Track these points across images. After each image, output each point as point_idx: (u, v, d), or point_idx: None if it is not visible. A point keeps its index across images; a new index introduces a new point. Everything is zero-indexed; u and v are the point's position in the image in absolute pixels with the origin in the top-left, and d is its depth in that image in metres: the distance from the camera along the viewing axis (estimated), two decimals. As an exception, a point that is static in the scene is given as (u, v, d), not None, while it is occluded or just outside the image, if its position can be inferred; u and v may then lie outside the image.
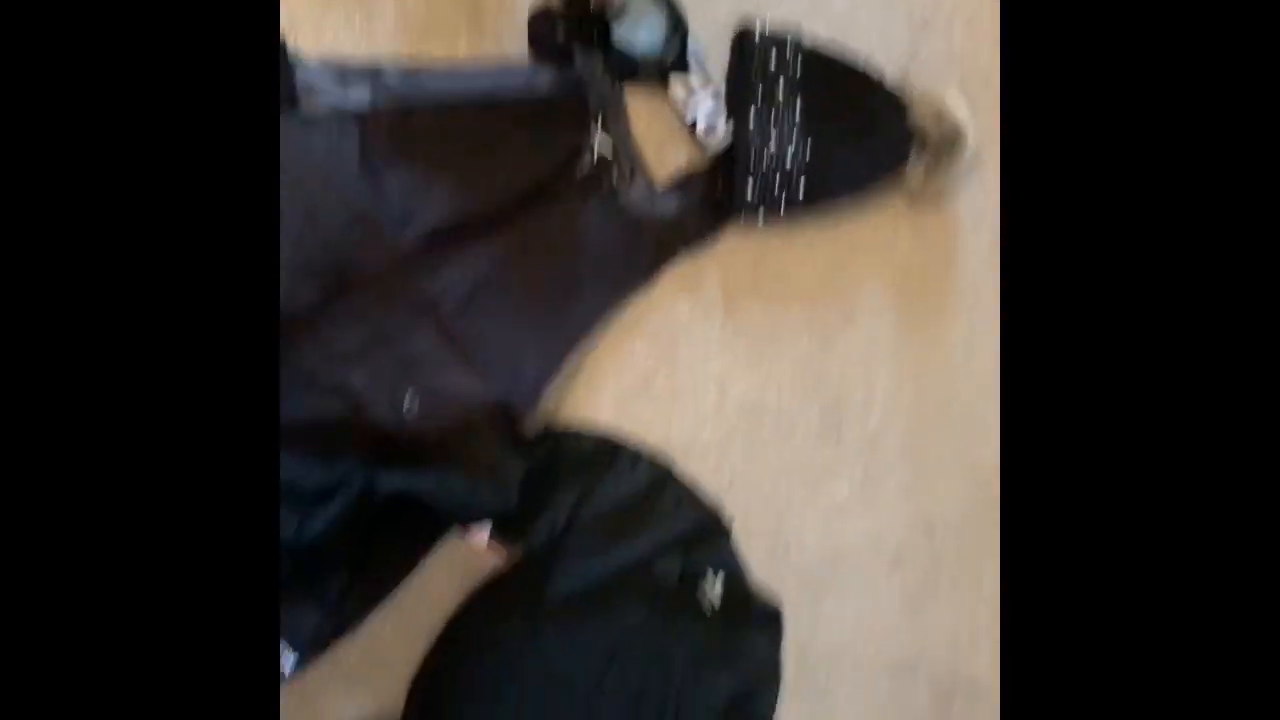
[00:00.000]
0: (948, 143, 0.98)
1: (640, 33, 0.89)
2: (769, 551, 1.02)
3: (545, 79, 0.86)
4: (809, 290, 1.01)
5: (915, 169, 1.00)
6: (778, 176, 0.93)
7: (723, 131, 0.91)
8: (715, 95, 0.91)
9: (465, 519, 0.86)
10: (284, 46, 0.78)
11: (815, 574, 1.04)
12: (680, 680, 0.96)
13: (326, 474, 0.82)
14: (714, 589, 0.96)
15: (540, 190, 0.87)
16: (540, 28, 0.86)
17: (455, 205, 0.83)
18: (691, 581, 0.96)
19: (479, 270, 0.85)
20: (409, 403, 0.83)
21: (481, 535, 0.89)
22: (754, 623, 0.99)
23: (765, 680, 1.00)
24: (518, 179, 0.85)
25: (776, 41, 0.94)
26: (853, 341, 1.04)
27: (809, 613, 1.04)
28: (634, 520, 0.94)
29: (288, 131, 0.78)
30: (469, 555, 0.91)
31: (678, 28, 0.88)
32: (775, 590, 1.01)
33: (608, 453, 0.94)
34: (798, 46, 0.95)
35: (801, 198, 0.94)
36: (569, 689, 0.93)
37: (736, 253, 0.98)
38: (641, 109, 0.92)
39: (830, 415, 1.03)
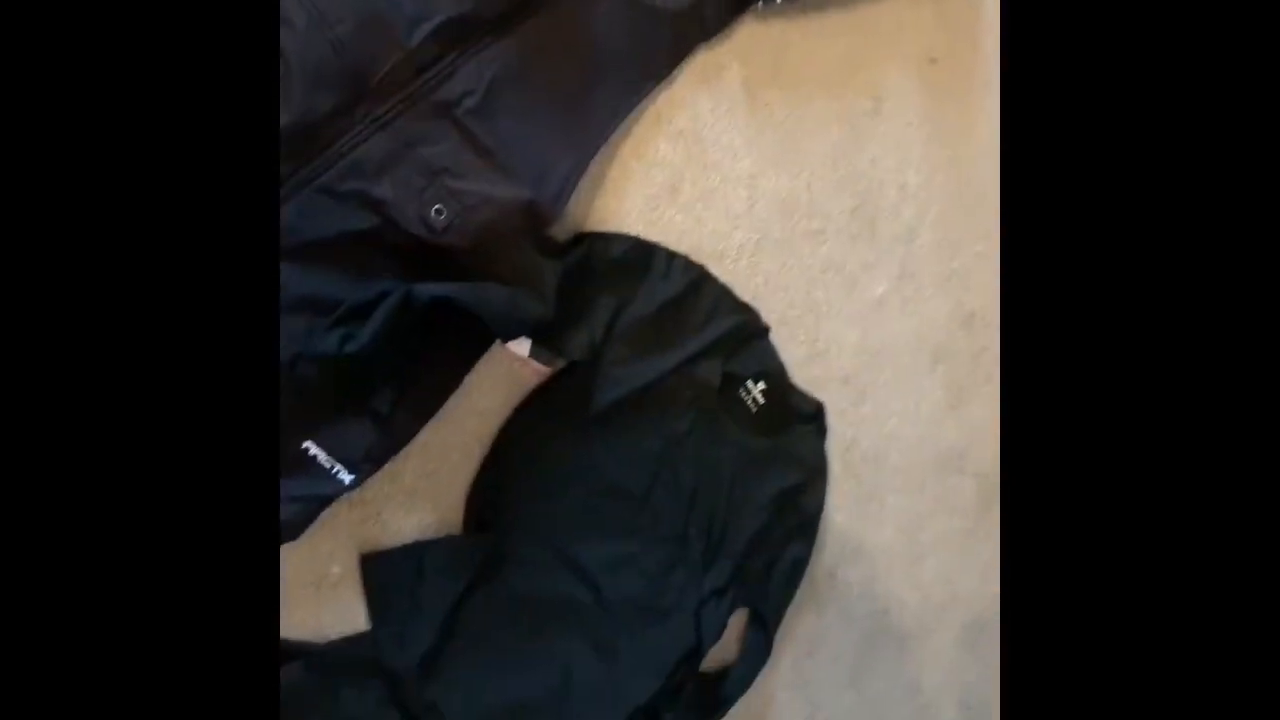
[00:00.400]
0: (970, -94, 0.93)
1: None
2: (808, 354, 1.02)
3: None
4: (833, 79, 0.98)
5: (937, -61, 0.95)
6: (795, -47, 0.88)
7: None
8: None
9: (505, 330, 0.85)
10: None
11: (856, 374, 1.04)
12: (729, 482, 0.97)
13: (364, 289, 0.81)
14: (756, 389, 0.97)
15: (550, -19, 0.83)
16: None
17: (465, 1, 0.79)
18: (733, 384, 0.96)
19: (495, 69, 0.82)
20: (437, 213, 0.81)
21: (523, 347, 0.89)
22: (797, 420, 0.99)
23: (813, 475, 1.01)
24: (527, -32, 0.81)
25: None
26: (881, 131, 1.01)
27: (852, 414, 1.05)
28: (673, 325, 0.94)
29: (284, -73, 0.74)
30: (514, 369, 0.91)
31: None
32: (817, 393, 1.01)
33: (642, 256, 0.93)
34: None
35: (821, -25, 0.90)
36: (621, 496, 0.94)
37: (755, 42, 0.94)
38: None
39: (863, 210, 1.01)
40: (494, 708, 0.90)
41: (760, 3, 0.91)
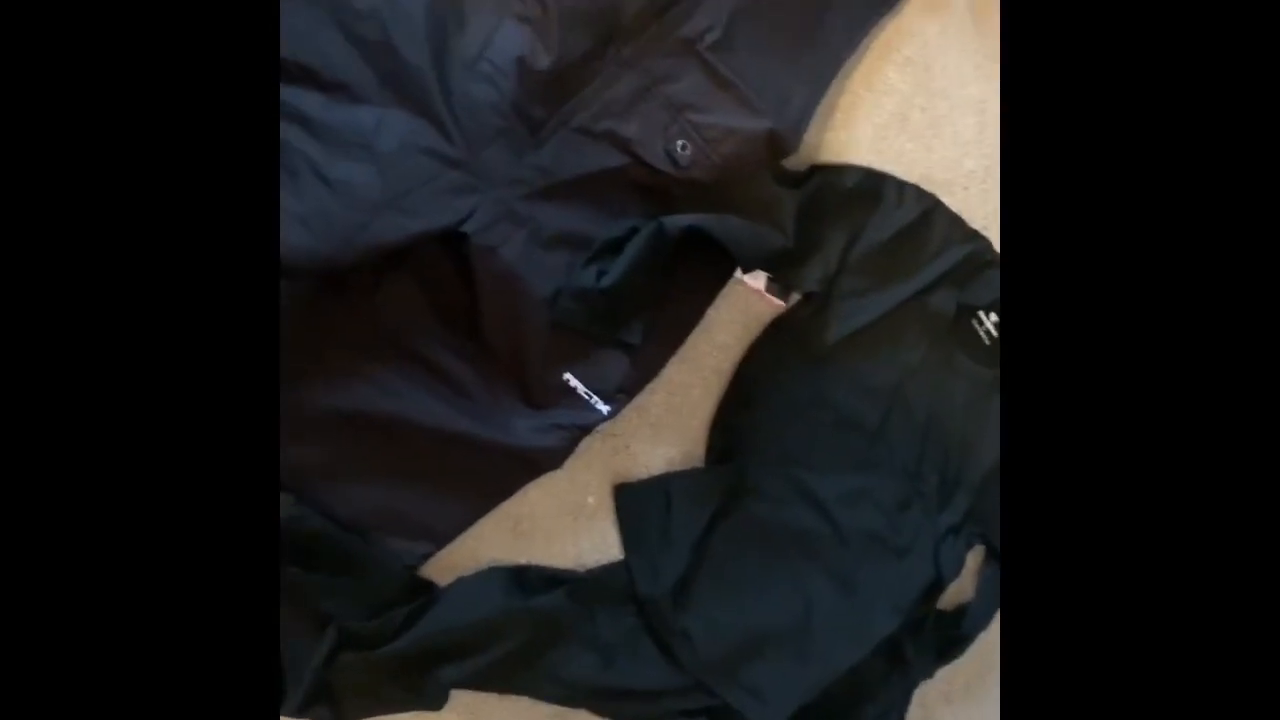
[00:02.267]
0: None
1: None
2: (1040, 283, 0.99)
3: None
4: None
5: None
6: None
7: None
8: None
9: (748, 260, 0.87)
10: None
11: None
12: (963, 415, 0.95)
13: (615, 225, 0.84)
14: (989, 320, 0.95)
15: (783, -82, 0.84)
16: None
17: (707, -59, 0.81)
18: (967, 315, 0.95)
19: (734, 2, 0.84)
20: (682, 148, 0.84)
21: (759, 281, 0.90)
22: (1034, 352, 0.97)
23: (1051, 408, 0.98)
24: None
25: None
26: (1114, 48, 0.97)
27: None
28: (905, 255, 0.93)
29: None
30: (751, 304, 0.93)
31: None
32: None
33: (874, 186, 0.93)
34: None
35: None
36: (855, 429, 0.94)
37: (983, -36, 0.93)
38: None
39: (1094, 132, 0.98)
40: (741, 635, 0.91)
41: (989, -77, 0.90)
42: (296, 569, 0.83)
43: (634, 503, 0.92)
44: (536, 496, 0.90)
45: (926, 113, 0.94)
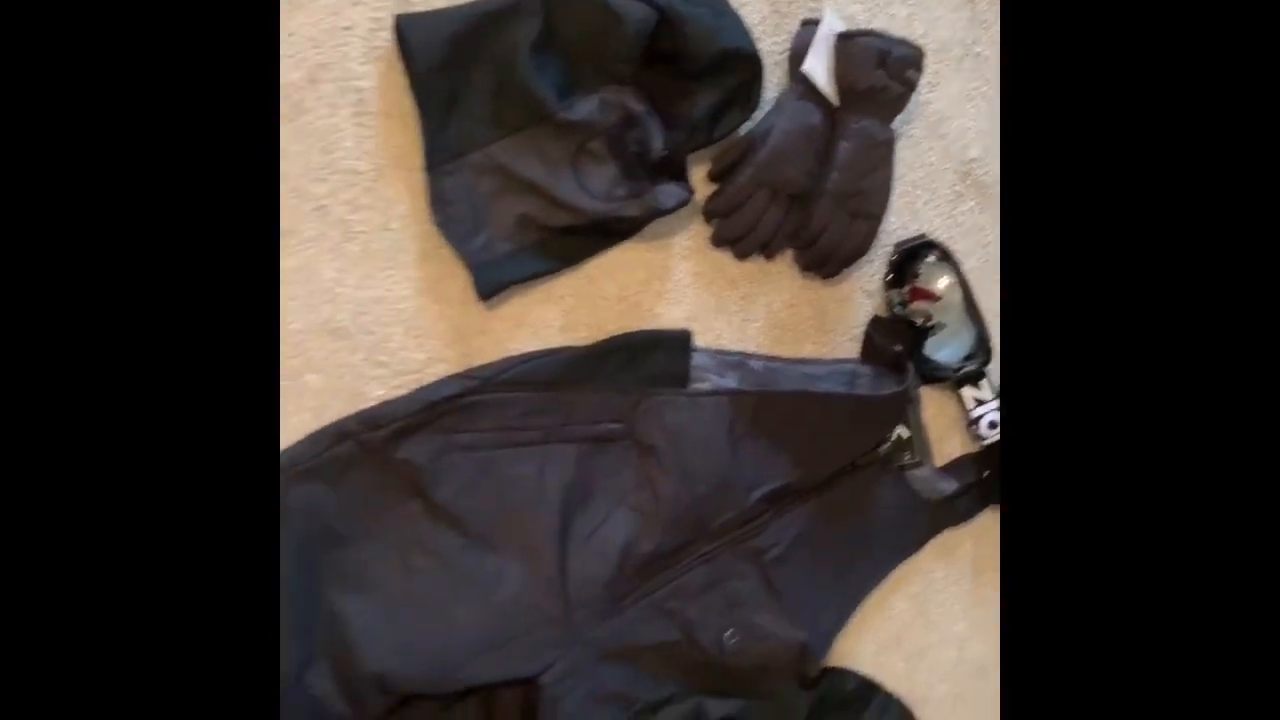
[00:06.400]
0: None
1: (945, 350, 1.07)
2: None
3: (865, 381, 1.04)
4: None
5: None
6: (1038, 477, 1.09)
7: (997, 435, 1.09)
8: (999, 406, 1.09)
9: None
10: (688, 336, 0.97)
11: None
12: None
13: (657, 690, 0.96)
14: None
15: (851, 465, 1.03)
16: (874, 337, 1.05)
17: (790, 475, 0.99)
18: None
19: (798, 528, 1.01)
20: (730, 637, 0.97)
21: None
22: None
23: None
24: (837, 457, 1.02)
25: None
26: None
27: None
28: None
29: (679, 405, 0.96)
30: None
31: (982, 348, 1.06)
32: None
33: (867, 693, 1.07)
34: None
35: (1055, 497, 1.10)
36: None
37: (989, 531, 1.13)
38: (931, 401, 1.10)
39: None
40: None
41: (1001, 503, 1.11)
42: None
43: None
44: None
45: (919, 639, 1.11)
